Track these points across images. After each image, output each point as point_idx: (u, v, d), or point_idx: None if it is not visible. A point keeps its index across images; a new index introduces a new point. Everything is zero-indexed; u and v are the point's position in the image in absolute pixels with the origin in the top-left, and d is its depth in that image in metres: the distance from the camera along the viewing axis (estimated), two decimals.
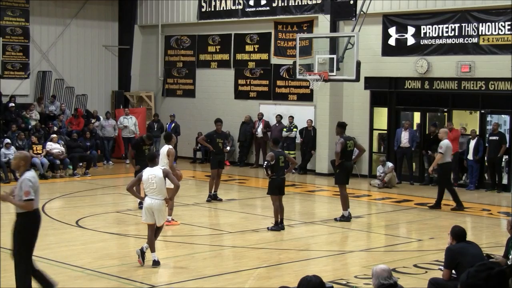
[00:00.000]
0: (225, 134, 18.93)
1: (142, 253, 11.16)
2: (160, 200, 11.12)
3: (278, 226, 14.28)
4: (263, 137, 24.44)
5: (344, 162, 15.45)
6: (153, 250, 11.21)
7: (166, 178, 11.20)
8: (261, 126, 24.50)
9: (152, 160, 11.34)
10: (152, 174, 11.12)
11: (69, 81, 27.42)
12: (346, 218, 15.38)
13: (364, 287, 10.15)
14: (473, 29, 20.21)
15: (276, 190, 14.25)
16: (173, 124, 25.64)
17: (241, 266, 11.53)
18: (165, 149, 14.66)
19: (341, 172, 15.51)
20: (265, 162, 14.31)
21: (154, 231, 11.31)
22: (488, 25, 19.95)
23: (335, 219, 15.43)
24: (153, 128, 25.78)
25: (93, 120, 25.91)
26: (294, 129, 23.73)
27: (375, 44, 22.05)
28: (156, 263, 11.14)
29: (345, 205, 15.48)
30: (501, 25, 19.75)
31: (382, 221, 16.46)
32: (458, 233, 8.66)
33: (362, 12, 20.06)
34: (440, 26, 20.83)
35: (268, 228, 14.26)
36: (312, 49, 21.80)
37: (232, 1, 25.57)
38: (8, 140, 21.18)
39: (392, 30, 21.85)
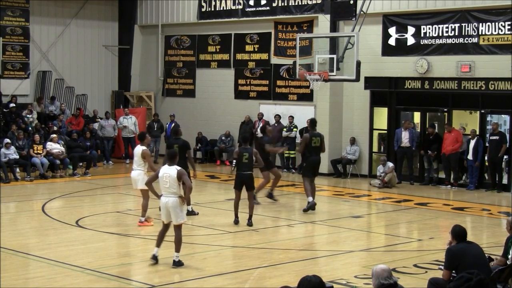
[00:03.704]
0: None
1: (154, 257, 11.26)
2: (174, 198, 11.11)
3: (237, 219, 14.60)
4: (263, 137, 24.37)
5: (309, 157, 16.46)
6: (157, 245, 11.29)
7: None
8: (261, 126, 24.46)
9: (172, 159, 11.33)
10: (167, 173, 11.16)
11: (69, 81, 27.42)
12: (310, 205, 16.24)
13: (364, 287, 10.15)
14: (473, 29, 20.21)
15: (239, 185, 14.55)
16: (173, 124, 25.58)
17: (241, 266, 11.53)
18: (139, 150, 14.40)
19: (306, 166, 16.65)
20: (233, 162, 14.86)
21: (167, 229, 11.34)
22: (488, 25, 19.95)
23: (303, 210, 16.28)
24: (153, 128, 25.79)
25: (99, 119, 25.92)
26: (294, 129, 23.73)
27: (375, 44, 22.04)
28: (154, 258, 11.21)
29: (307, 193, 16.41)
30: (501, 25, 19.75)
31: (382, 221, 16.46)
32: (458, 233, 8.64)
33: (362, 12, 20.05)
34: (440, 26, 20.83)
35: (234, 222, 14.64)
36: (312, 49, 21.80)
37: (232, 1, 25.57)
38: (8, 140, 21.18)
39: (392, 30, 21.85)
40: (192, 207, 15.78)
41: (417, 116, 22.29)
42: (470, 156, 20.14)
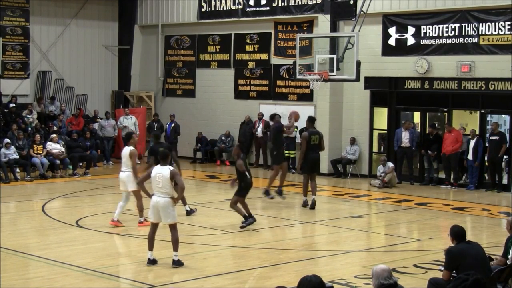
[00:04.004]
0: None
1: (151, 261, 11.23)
2: (165, 198, 11.11)
3: (249, 219, 14.36)
4: (263, 137, 24.42)
5: (307, 154, 16.81)
6: (150, 248, 11.23)
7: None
8: (261, 126, 24.49)
9: (164, 159, 11.33)
10: (159, 172, 11.15)
11: (69, 81, 27.42)
12: (304, 203, 16.85)
13: (364, 287, 10.15)
14: (473, 29, 20.21)
15: (247, 191, 14.47)
16: (173, 124, 25.63)
17: (241, 266, 11.53)
18: (126, 151, 14.23)
19: (304, 163, 16.93)
20: (246, 173, 14.29)
21: (155, 230, 11.32)
22: (488, 25, 19.95)
23: (301, 205, 16.89)
24: (153, 128, 25.73)
25: (99, 119, 25.90)
26: (294, 129, 23.70)
27: (375, 44, 22.04)
28: (151, 262, 11.19)
29: (304, 192, 17.00)
30: (501, 25, 19.75)
31: (382, 221, 16.46)
32: (457, 233, 8.64)
33: (362, 12, 20.06)
34: (440, 26, 20.83)
35: (241, 226, 14.28)
36: (312, 49, 21.79)
37: (232, 1, 25.57)
38: (8, 140, 21.18)
39: (392, 30, 21.85)
40: (189, 206, 15.78)
41: (417, 116, 22.29)
42: (470, 156, 20.14)
